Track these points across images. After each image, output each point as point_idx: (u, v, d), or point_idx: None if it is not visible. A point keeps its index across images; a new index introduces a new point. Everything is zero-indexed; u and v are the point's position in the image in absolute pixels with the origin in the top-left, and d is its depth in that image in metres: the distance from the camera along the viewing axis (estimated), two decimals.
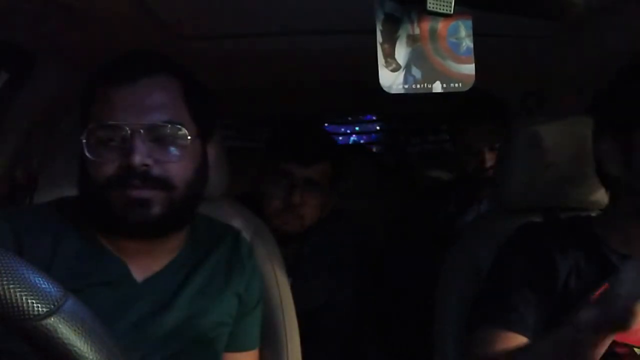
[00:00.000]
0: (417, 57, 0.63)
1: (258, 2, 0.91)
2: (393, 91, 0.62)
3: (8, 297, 0.39)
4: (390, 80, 0.62)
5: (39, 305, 0.40)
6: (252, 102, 1.69)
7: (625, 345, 0.79)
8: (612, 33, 0.95)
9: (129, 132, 0.78)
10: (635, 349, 0.79)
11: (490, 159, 1.51)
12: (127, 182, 0.78)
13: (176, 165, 0.82)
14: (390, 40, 0.63)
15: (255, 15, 0.96)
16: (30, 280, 0.41)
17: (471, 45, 0.63)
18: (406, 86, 0.63)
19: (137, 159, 0.77)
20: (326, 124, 2.72)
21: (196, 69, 1.19)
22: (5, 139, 0.99)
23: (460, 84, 0.63)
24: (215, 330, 0.91)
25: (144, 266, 0.87)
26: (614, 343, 0.76)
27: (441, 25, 0.63)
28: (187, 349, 0.86)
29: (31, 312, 0.40)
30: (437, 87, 0.63)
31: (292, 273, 1.20)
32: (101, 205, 0.80)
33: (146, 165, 0.78)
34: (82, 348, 0.42)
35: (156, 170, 0.79)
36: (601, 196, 1.09)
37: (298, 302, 1.17)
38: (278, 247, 1.17)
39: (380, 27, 0.63)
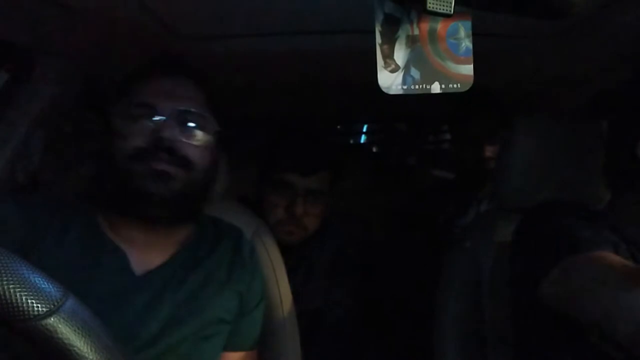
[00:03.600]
0: (416, 58, 0.63)
1: (258, 2, 0.91)
2: (392, 92, 0.62)
3: (8, 297, 0.39)
4: (389, 81, 0.62)
5: (39, 305, 0.40)
6: (252, 103, 1.69)
7: None
8: (613, 33, 0.95)
9: (162, 111, 0.86)
10: None
11: (489, 151, 1.52)
12: (154, 155, 0.84)
13: (199, 150, 0.89)
14: (390, 40, 0.63)
15: (255, 15, 0.96)
16: (30, 280, 0.41)
17: (470, 45, 0.63)
18: (405, 87, 0.63)
19: (167, 133, 0.84)
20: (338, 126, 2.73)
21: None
22: (5, 139, 0.99)
23: (459, 85, 0.63)
24: (214, 327, 0.91)
25: (145, 259, 0.89)
26: None
27: (441, 26, 0.63)
28: (184, 343, 0.87)
29: (31, 312, 0.40)
30: (436, 88, 0.63)
31: (292, 275, 1.20)
32: (123, 178, 0.85)
33: (174, 141, 0.85)
34: (82, 348, 0.42)
35: (181, 149, 0.86)
36: (601, 194, 1.09)
37: (298, 303, 1.17)
38: (280, 253, 1.17)
39: (380, 28, 0.62)
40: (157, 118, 0.86)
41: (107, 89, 0.96)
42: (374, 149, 2.94)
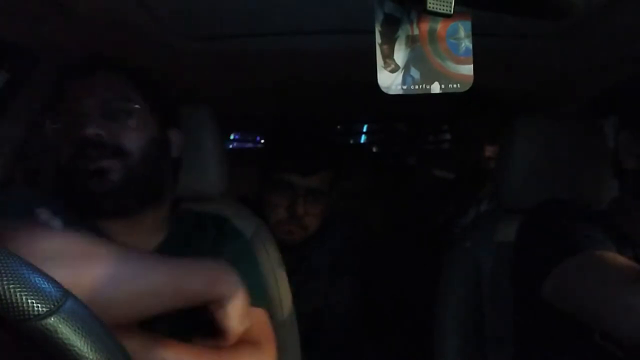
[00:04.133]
0: (416, 58, 0.63)
1: (258, 2, 0.90)
2: (392, 92, 0.62)
3: (8, 297, 0.39)
4: (389, 81, 0.62)
5: (39, 305, 0.40)
6: (252, 103, 1.69)
7: None
8: (613, 33, 0.95)
9: (84, 110, 0.87)
10: None
11: (489, 151, 1.53)
12: (84, 154, 0.85)
13: (127, 132, 0.88)
14: (390, 40, 0.63)
15: (255, 15, 0.96)
16: (30, 280, 0.41)
17: (470, 45, 0.63)
18: (405, 87, 0.62)
19: (89, 130, 0.85)
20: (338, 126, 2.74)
21: (196, 69, 1.18)
22: (5, 139, 0.99)
23: (459, 85, 0.63)
24: None
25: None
26: None
27: (441, 26, 0.63)
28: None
29: (31, 312, 0.40)
30: (436, 88, 0.63)
31: (292, 275, 1.20)
32: (67, 183, 0.87)
33: (98, 134, 0.85)
34: (82, 348, 0.42)
35: (109, 139, 0.86)
36: (601, 195, 1.09)
37: (298, 303, 1.17)
38: (280, 253, 1.17)
39: (380, 28, 0.62)
40: (80, 119, 0.86)
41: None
42: (374, 149, 2.94)
